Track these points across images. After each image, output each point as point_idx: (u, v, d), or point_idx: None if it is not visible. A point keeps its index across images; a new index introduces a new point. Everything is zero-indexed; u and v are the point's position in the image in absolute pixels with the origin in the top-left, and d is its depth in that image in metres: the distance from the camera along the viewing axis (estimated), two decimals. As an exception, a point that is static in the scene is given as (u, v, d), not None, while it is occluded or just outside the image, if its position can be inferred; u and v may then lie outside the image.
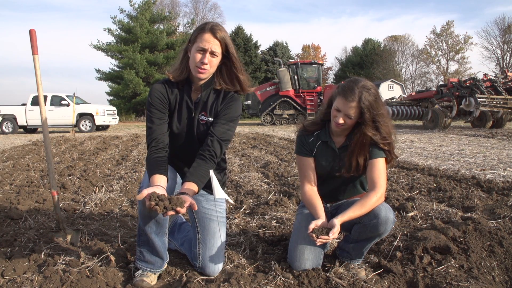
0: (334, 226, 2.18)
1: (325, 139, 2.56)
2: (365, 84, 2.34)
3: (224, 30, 2.39)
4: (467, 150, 8.77)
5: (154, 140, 2.39)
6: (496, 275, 2.45)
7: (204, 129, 2.51)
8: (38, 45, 3.09)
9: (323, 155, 2.57)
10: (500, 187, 4.55)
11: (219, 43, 2.35)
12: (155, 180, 2.20)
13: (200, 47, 2.32)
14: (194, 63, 2.35)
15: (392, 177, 5.51)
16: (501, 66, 52.35)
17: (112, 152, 9.80)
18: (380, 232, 2.35)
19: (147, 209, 2.02)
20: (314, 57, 63.99)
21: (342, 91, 2.35)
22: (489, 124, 16.22)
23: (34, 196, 4.60)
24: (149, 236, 2.31)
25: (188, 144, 2.55)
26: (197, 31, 2.36)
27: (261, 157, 8.23)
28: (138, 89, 37.57)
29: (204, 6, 61.91)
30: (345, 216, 2.26)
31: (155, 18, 41.38)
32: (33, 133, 20.34)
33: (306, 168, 2.58)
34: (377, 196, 2.33)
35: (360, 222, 2.39)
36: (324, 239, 2.15)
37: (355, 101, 2.30)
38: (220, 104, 2.51)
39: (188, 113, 2.50)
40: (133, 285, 2.34)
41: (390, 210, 2.37)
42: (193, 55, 2.35)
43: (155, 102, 2.42)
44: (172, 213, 1.93)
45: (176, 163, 2.58)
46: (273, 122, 25.62)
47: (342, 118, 2.37)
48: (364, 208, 2.30)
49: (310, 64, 27.17)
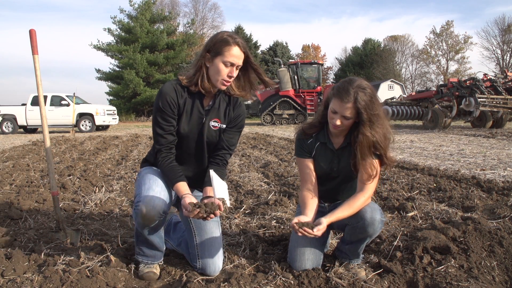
0: (321, 224, 2.20)
1: (323, 140, 2.56)
2: (360, 84, 2.31)
3: (243, 40, 2.40)
4: (467, 150, 8.78)
5: (165, 146, 2.44)
6: (496, 275, 2.45)
7: (216, 134, 2.56)
8: (38, 45, 3.09)
9: (322, 156, 2.57)
10: (500, 187, 4.55)
11: (243, 55, 2.39)
12: (182, 189, 2.32)
13: (229, 61, 2.32)
14: (220, 76, 2.36)
15: (392, 177, 5.51)
16: (501, 66, 52.38)
17: (112, 152, 9.80)
18: (369, 233, 2.36)
19: (192, 215, 2.15)
20: (314, 57, 63.99)
21: (337, 93, 2.33)
22: (489, 124, 16.22)
23: (34, 196, 4.59)
24: (147, 237, 2.40)
25: (196, 148, 2.58)
26: (222, 43, 2.32)
27: (261, 157, 8.23)
28: (138, 89, 37.56)
29: (204, 6, 61.85)
30: (333, 216, 2.29)
31: (155, 18, 41.38)
32: (33, 133, 20.33)
33: (306, 169, 2.58)
34: (365, 197, 2.35)
35: (349, 224, 2.41)
36: (306, 232, 2.17)
37: (350, 102, 2.27)
38: (233, 111, 2.58)
39: (198, 118, 2.51)
40: (140, 278, 2.45)
41: (377, 210, 2.37)
42: (217, 67, 2.34)
43: (166, 108, 2.40)
44: (212, 216, 2.14)
45: (183, 164, 2.58)
46: (273, 122, 25.60)
47: (339, 120, 2.35)
48: (352, 209, 2.32)
49: (310, 64, 27.14)
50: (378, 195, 4.50)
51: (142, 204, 2.24)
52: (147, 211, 2.24)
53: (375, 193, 4.56)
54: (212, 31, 60.72)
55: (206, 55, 2.38)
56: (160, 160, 2.43)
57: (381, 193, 4.55)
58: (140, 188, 2.36)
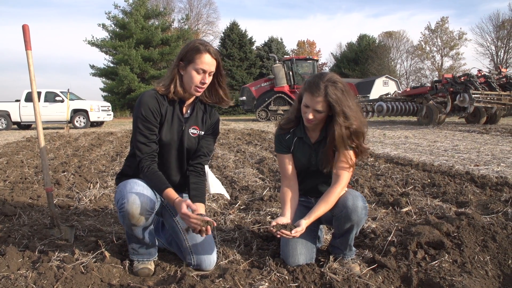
0: (300, 226, 2.27)
1: (300, 135, 2.61)
2: (330, 78, 2.36)
3: (215, 48, 2.49)
4: (461, 146, 8.82)
5: (149, 155, 2.45)
6: (489, 269, 2.47)
7: (195, 141, 2.64)
8: (31, 41, 3.07)
9: (300, 151, 2.62)
10: (494, 183, 4.58)
11: (216, 62, 2.46)
12: (173, 195, 2.32)
13: (201, 68, 2.39)
14: (193, 83, 2.42)
15: (387, 173, 5.53)
16: (495, 62, 52.63)
17: (106, 148, 9.77)
18: (354, 221, 2.38)
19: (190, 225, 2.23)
20: (309, 53, 63.96)
21: (308, 87, 2.38)
22: (483, 120, 16.28)
23: (28, 192, 4.57)
24: (138, 237, 2.42)
25: (177, 156, 2.63)
26: (193, 51, 2.40)
27: (256, 153, 8.23)
28: (133, 85, 37.39)
29: (198, 2, 61.58)
30: (312, 216, 2.34)
31: (149, 14, 41.17)
32: (27, 129, 20.25)
33: (285, 165, 2.64)
34: (340, 187, 2.40)
35: (334, 215, 2.44)
36: (285, 234, 2.22)
37: (321, 95, 2.32)
38: (209, 118, 2.68)
39: (179, 126, 2.56)
40: (135, 274, 2.45)
41: (358, 197, 2.40)
42: (191, 74, 2.41)
43: (149, 116, 2.43)
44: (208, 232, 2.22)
45: (164, 171, 2.60)
46: (268, 118, 25.61)
47: (312, 114, 2.40)
48: (329, 203, 2.38)
49: (305, 60, 27.12)
50: (373, 190, 4.51)
51: (127, 204, 2.25)
52: (134, 210, 2.25)
53: (370, 188, 4.58)
54: (207, 27, 60.67)
55: (179, 63, 2.46)
56: (145, 168, 2.41)
57: (376, 188, 4.57)
58: (122, 193, 2.35)
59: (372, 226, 3.21)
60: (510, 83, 15.54)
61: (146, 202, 2.29)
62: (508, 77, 15.97)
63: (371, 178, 5.27)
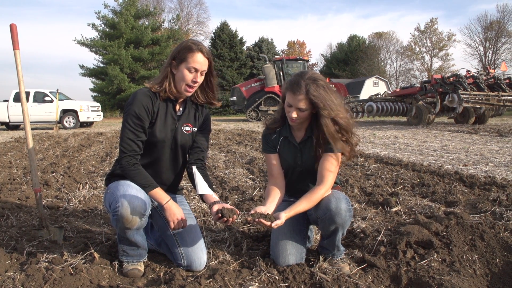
0: (279, 218, 2.24)
1: (286, 134, 2.63)
2: (311, 76, 2.38)
3: (207, 48, 2.51)
4: (450, 146, 8.89)
5: (135, 152, 2.45)
6: (477, 268, 2.49)
7: (189, 138, 2.66)
8: (19, 40, 3.04)
9: (286, 150, 2.64)
10: (482, 182, 4.62)
11: (208, 62, 2.48)
12: (163, 195, 2.40)
13: (193, 67, 2.42)
14: (185, 82, 2.45)
15: (377, 173, 5.56)
16: (484, 63, 53.10)
17: (96, 148, 9.71)
18: (338, 223, 2.38)
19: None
20: (299, 53, 64.18)
21: (289, 86, 2.40)
22: (471, 120, 16.42)
23: (17, 193, 4.53)
24: (129, 239, 2.41)
25: (170, 154, 2.64)
26: (186, 50, 2.43)
27: (246, 153, 8.23)
28: (123, 85, 37.24)
29: (189, 2, 61.78)
30: (292, 211, 2.32)
31: (139, 14, 41.05)
32: (15, 129, 20.04)
33: (272, 164, 2.66)
34: (324, 189, 2.40)
35: (318, 218, 2.44)
36: (263, 223, 2.19)
37: (302, 93, 2.33)
38: (202, 115, 2.71)
39: (172, 124, 2.58)
40: (125, 275, 2.43)
41: (341, 199, 2.39)
42: (183, 73, 2.44)
43: (143, 114, 2.42)
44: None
45: (156, 169, 2.62)
46: (259, 118, 25.60)
47: (295, 112, 2.41)
48: (311, 202, 2.37)
49: (295, 60, 27.14)
50: (363, 190, 4.53)
51: (121, 208, 2.23)
52: (128, 214, 2.24)
53: (360, 188, 4.60)
54: (198, 27, 60.51)
55: (172, 62, 2.49)
56: (130, 165, 2.40)
57: (365, 188, 4.59)
58: (114, 195, 2.32)
59: (361, 226, 3.23)
60: (498, 83, 15.69)
61: (141, 206, 2.28)
62: (496, 78, 16.12)
63: (361, 178, 5.30)
